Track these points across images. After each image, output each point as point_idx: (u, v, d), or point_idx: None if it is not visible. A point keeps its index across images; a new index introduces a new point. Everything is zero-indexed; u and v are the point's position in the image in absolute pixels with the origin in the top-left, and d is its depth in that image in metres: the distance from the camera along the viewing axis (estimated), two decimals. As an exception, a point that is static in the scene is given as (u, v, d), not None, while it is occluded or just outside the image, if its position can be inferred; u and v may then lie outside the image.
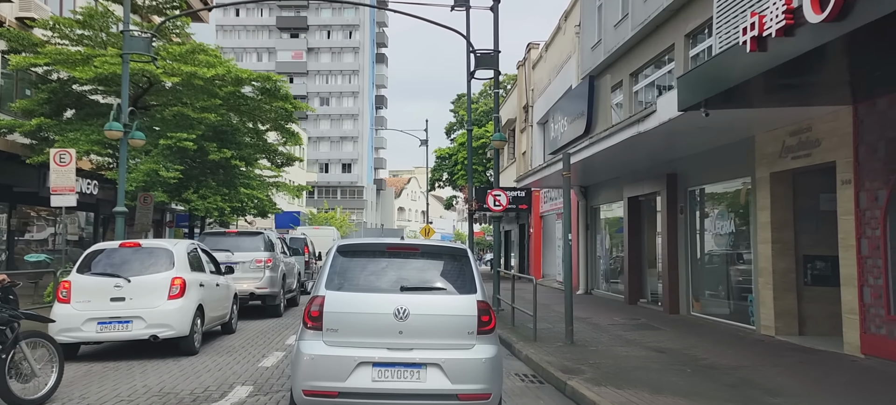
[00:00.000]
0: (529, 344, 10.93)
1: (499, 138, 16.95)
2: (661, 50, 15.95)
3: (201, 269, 11.01)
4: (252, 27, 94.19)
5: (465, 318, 5.66)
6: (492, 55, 16.57)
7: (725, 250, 13.28)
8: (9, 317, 6.54)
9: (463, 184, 53.56)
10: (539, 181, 21.43)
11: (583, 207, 21.16)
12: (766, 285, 11.30)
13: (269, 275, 15.54)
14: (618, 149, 13.44)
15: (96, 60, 17.40)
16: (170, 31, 20.71)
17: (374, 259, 6.12)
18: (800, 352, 10.00)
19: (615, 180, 18.48)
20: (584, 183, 20.65)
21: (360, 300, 5.68)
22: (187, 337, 9.80)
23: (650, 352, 10.18)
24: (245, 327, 13.61)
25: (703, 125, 10.24)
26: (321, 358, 5.50)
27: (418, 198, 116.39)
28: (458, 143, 54.38)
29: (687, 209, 14.67)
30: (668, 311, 14.89)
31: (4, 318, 6.50)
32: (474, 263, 6.15)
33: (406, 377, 5.47)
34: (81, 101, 20.43)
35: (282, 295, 16.39)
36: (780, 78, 7.39)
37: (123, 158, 15.35)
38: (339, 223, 59.36)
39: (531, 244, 29.62)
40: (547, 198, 27.41)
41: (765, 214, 11.36)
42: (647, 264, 17.48)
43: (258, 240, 15.96)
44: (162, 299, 9.63)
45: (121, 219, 15.10)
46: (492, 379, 5.63)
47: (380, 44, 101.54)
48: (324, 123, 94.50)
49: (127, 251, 10.09)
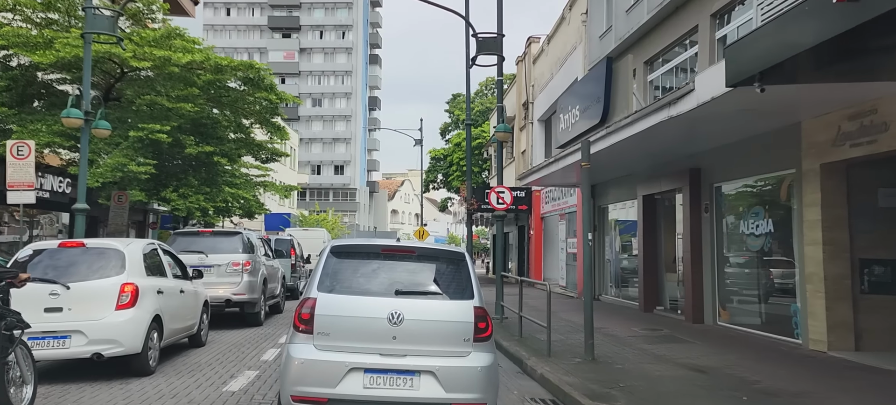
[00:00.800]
0: (544, 360, 9.41)
1: (503, 129, 15.44)
2: (682, 34, 14.50)
3: (161, 273, 9.43)
4: (243, 27, 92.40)
5: (461, 325, 5.45)
6: (495, 39, 15.07)
7: (760, 253, 11.79)
8: (16, 321, 6.05)
9: (458, 185, 51.95)
10: (543, 179, 19.92)
11: (589, 207, 19.56)
12: (815, 293, 9.80)
13: (247, 280, 13.96)
14: (636, 140, 11.97)
15: (57, 43, 15.78)
16: (144, 16, 19.10)
17: (369, 261, 5.83)
18: (865, 372, 8.50)
19: (627, 178, 16.99)
20: (592, 181, 19.09)
21: (353, 303, 5.45)
22: (139, 354, 8.21)
23: (688, 371, 8.67)
24: (218, 339, 12.04)
25: (751, 107, 8.78)
26: (311, 362, 5.28)
27: (412, 200, 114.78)
28: (453, 143, 52.88)
29: (713, 207, 13.19)
30: (691, 321, 13.39)
31: (12, 323, 6.00)
32: (472, 267, 5.89)
33: (399, 384, 5.27)
34: (50, 90, 18.82)
35: (262, 301, 14.82)
36: (874, 38, 5.89)
37: (85, 149, 13.74)
38: (331, 225, 57.62)
39: (531, 246, 28.10)
40: (549, 198, 25.91)
41: (813, 211, 9.87)
42: (665, 268, 15.99)
43: (236, 241, 14.36)
44: (108, 310, 8.04)
45: (81, 217, 13.48)
46: (488, 388, 5.41)
47: (373, 45, 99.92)
48: (316, 125, 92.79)
49: (69, 252, 8.49)
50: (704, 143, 12.56)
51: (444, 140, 60.03)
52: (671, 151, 13.69)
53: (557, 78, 23.71)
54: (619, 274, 18.74)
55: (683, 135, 11.90)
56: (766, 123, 10.46)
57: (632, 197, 17.13)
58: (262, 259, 15.43)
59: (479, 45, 15.03)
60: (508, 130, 15.44)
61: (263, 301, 14.96)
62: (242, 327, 13.85)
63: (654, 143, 12.75)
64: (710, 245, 13.16)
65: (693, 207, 13.62)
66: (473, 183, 50.23)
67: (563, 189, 23.43)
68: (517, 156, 31.56)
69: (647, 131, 11.11)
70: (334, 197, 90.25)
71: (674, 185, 14.59)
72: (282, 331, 13.54)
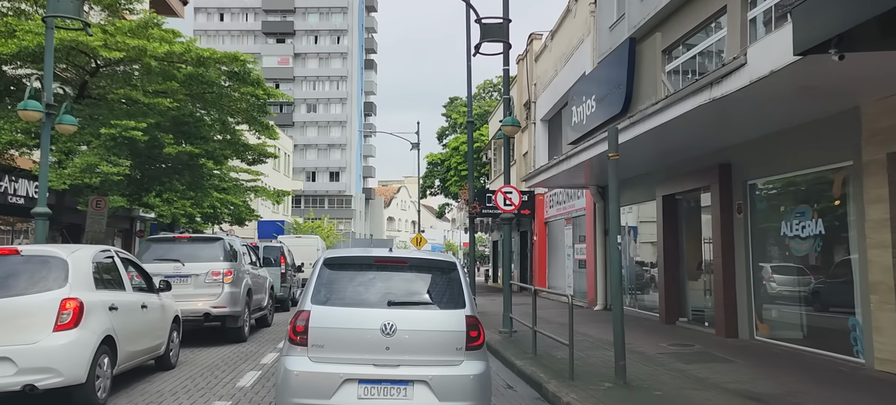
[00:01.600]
0: (567, 384, 8.01)
1: (511, 123, 14.06)
2: (707, 16, 13.17)
3: (117, 286, 8.01)
4: (236, 32, 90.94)
5: (453, 334, 5.49)
6: (500, 25, 13.71)
7: (806, 258, 10.41)
8: None
9: (456, 190, 50.54)
10: (549, 180, 18.55)
11: (600, 210, 18.24)
12: (882, 305, 8.42)
13: (228, 291, 12.52)
14: (661, 132, 10.60)
15: (19, 31, 14.37)
16: (122, 7, 17.67)
17: (362, 272, 5.89)
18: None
19: (644, 177, 15.61)
20: (601, 182, 17.75)
21: (347, 315, 5.50)
22: (83, 385, 6.77)
23: (743, 400, 7.26)
24: (192, 358, 10.61)
25: (814, 84, 7.43)
26: (306, 374, 5.33)
27: (408, 207, 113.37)
28: (451, 147, 51.51)
29: (747, 207, 11.81)
30: (724, 335, 11.99)
31: None
32: (463, 276, 5.90)
33: (393, 394, 5.31)
34: (20, 86, 17.38)
35: (246, 315, 13.39)
36: None
37: (45, 146, 12.32)
38: (326, 233, 56.09)
39: (535, 253, 26.70)
40: (553, 201, 24.55)
41: (878, 209, 8.50)
42: (687, 276, 14.60)
43: (216, 248, 12.93)
44: (44, 331, 6.61)
45: (42, 222, 12.03)
46: (480, 396, 5.48)
47: (369, 50, 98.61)
48: (311, 130, 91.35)
49: (2, 261, 7.06)
50: (738, 134, 11.20)
51: (441, 145, 58.72)
52: (698, 145, 12.32)
53: (563, 74, 22.37)
54: (635, 282, 17.34)
55: (714, 125, 10.53)
56: (816, 108, 9.11)
57: (649, 197, 15.76)
58: (246, 268, 14.02)
59: (483, 30, 13.67)
60: (517, 124, 14.07)
61: (247, 314, 13.53)
62: (223, 344, 12.43)
63: (680, 136, 11.38)
64: (744, 249, 11.78)
65: (723, 207, 12.24)
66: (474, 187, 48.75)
67: (570, 192, 22.08)
68: (519, 158, 30.19)
69: (675, 121, 9.74)
70: (329, 204, 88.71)
71: (699, 183, 13.22)
72: (267, 348, 12.12)
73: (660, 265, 14.86)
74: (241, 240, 14.61)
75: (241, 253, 13.94)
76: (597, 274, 17.98)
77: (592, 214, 18.58)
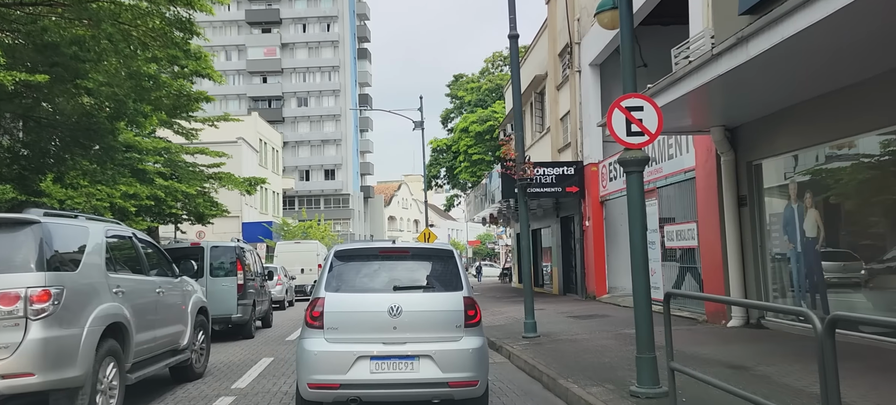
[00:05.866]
0: None
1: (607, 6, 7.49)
2: None
3: None
4: (218, 23, 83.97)
5: (452, 313, 6.03)
6: None
7: None
8: None
9: (466, 178, 43.74)
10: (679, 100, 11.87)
11: (729, 165, 11.44)
12: None
13: (39, 338, 5.89)
14: None
15: None
16: None
17: (369, 262, 6.49)
18: None
19: (807, 107, 9.00)
20: (734, 120, 11.12)
21: (357, 300, 6.12)
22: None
23: None
24: None
25: None
26: (323, 353, 5.90)
27: (410, 206, 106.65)
28: (458, 128, 44.83)
29: None
30: None
31: None
32: (460, 262, 6.43)
33: (401, 368, 5.85)
34: None
35: (111, 379, 6.77)
36: None
37: None
38: (322, 234, 49.33)
39: (588, 244, 20.05)
40: (616, 172, 17.89)
41: None
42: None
43: (19, 241, 6.22)
44: None
45: None
46: (479, 367, 5.99)
47: (361, 38, 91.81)
48: (303, 126, 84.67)
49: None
50: None
51: (446, 129, 52.07)
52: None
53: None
54: (814, 276, 10.65)
55: None
56: None
57: (827, 137, 9.19)
58: (110, 280, 7.32)
59: None
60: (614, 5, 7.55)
61: (115, 375, 6.87)
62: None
63: None
64: None
65: None
66: (479, 174, 41.71)
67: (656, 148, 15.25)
68: (554, 123, 23.57)
69: None
70: (326, 204, 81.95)
71: None
72: None
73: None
74: (106, 226, 7.70)
75: (94, 251, 7.26)
76: (728, 269, 11.23)
77: (715, 175, 11.86)
